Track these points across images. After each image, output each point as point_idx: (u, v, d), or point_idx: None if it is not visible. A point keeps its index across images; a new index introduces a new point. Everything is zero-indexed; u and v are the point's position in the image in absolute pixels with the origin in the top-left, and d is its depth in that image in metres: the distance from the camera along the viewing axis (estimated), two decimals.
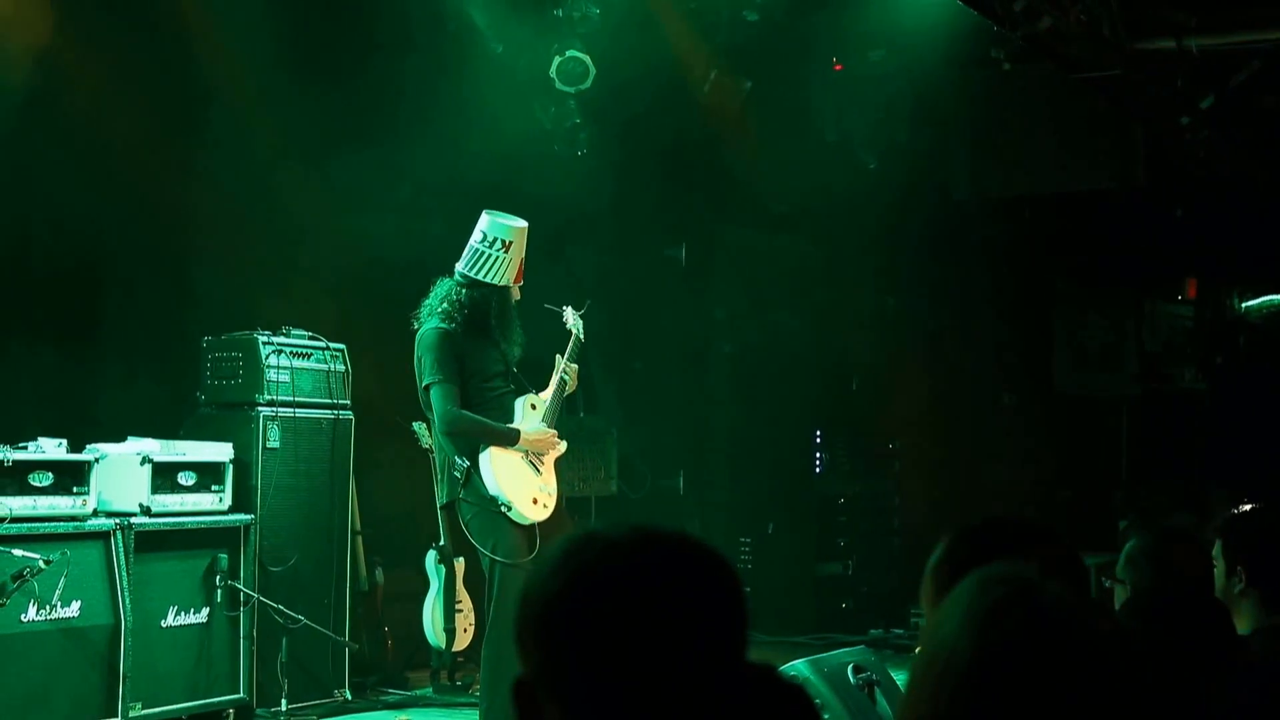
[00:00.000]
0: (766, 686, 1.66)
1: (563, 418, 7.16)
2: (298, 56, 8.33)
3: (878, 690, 5.70)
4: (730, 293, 11.73)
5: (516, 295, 6.86)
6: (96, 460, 6.79)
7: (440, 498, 6.95)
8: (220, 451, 7.45)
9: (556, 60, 9.48)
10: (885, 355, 11.83)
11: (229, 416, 7.71)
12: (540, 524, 6.71)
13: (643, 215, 10.99)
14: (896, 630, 10.93)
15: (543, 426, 6.87)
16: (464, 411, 6.64)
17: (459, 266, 6.78)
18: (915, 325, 11.95)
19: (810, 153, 10.89)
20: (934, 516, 11.17)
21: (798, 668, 5.51)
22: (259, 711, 7.46)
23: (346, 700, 7.92)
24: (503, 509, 6.58)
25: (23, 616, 6.35)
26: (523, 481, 6.72)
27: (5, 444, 6.51)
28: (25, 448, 6.59)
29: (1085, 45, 8.24)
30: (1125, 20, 8.30)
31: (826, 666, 5.64)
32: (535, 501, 6.72)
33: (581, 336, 7.14)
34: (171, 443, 7.32)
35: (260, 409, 7.65)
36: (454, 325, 6.68)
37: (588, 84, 9.55)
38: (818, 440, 11.56)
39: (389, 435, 8.24)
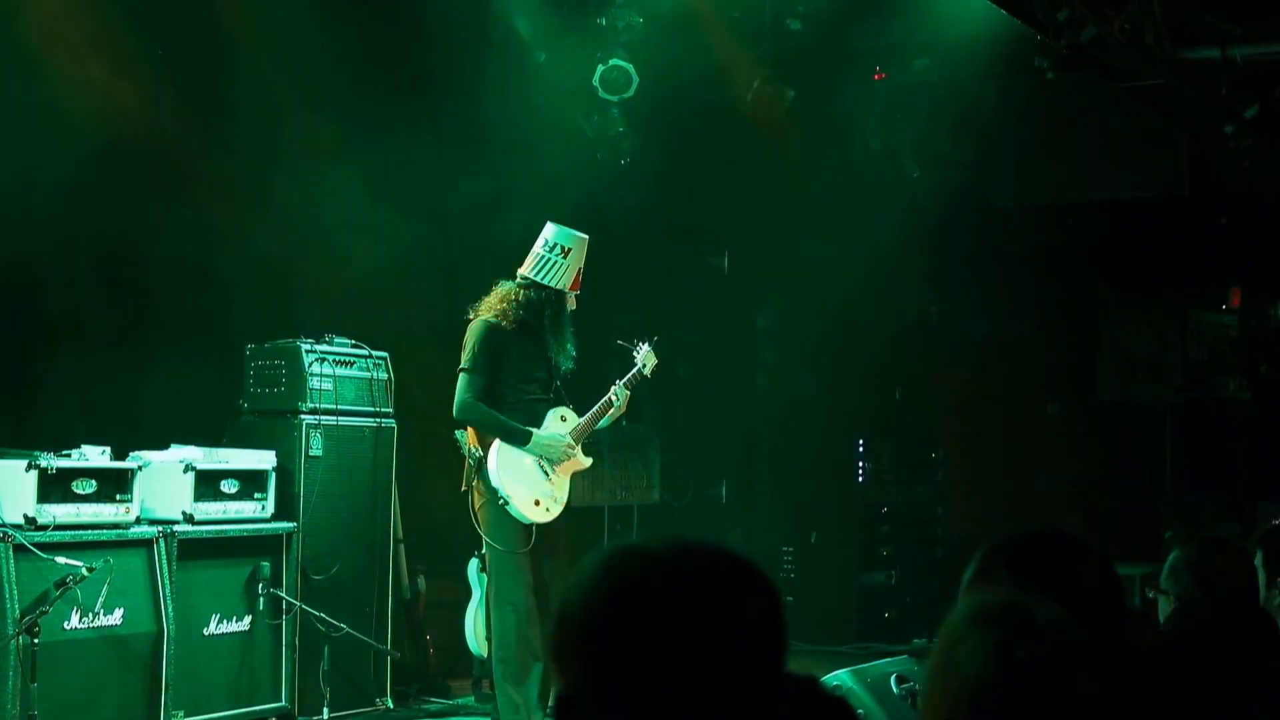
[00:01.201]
0: (809, 698, 1.66)
1: (603, 432, 7.24)
2: (341, 62, 8.36)
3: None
4: (773, 301, 11.71)
5: (572, 304, 7.02)
6: (140, 468, 6.83)
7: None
8: (263, 459, 7.48)
9: (600, 69, 9.49)
10: (929, 364, 11.78)
11: (272, 424, 7.74)
12: (540, 527, 6.87)
13: (686, 223, 10.98)
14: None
15: (561, 436, 6.92)
16: (480, 404, 6.83)
17: (520, 270, 6.98)
18: (959, 334, 11.89)
19: (853, 161, 10.86)
20: (978, 526, 11.11)
21: (841, 677, 5.48)
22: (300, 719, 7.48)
23: (388, 709, 7.94)
24: (501, 502, 6.77)
25: (66, 624, 6.38)
26: (527, 482, 6.87)
27: (49, 451, 6.55)
28: (69, 455, 6.61)
29: (1129, 54, 8.18)
30: (1169, 29, 8.24)
31: (870, 676, 5.61)
32: (537, 504, 6.88)
33: (647, 373, 7.26)
34: (214, 450, 7.35)
35: (303, 417, 7.68)
36: (504, 323, 6.87)
37: (631, 92, 9.55)
38: (861, 449, 11.51)
39: (431, 443, 8.25)
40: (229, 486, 7.28)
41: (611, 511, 10.13)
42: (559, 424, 7.02)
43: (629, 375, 7.17)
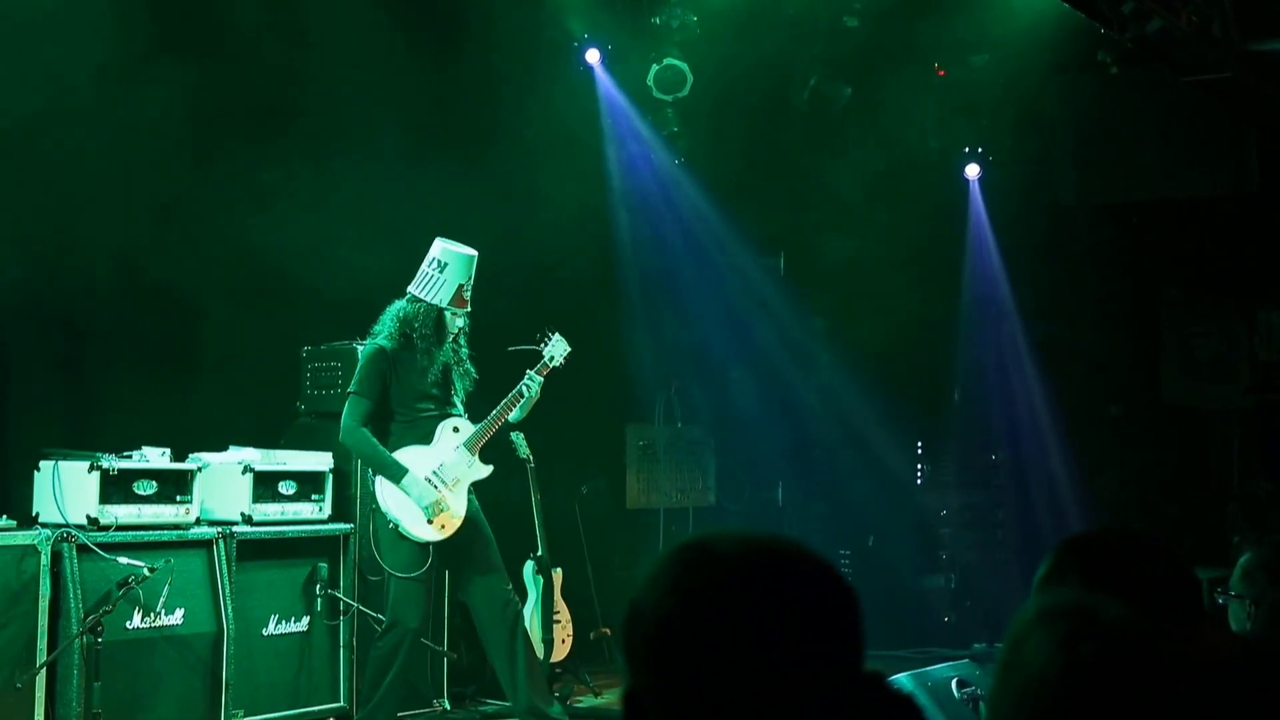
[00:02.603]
0: (876, 695, 1.63)
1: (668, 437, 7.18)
2: (389, 65, 8.37)
3: (983, 705, 5.60)
4: (829, 302, 11.62)
5: (459, 322, 6.98)
6: (199, 469, 6.87)
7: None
8: (320, 461, 7.50)
9: (654, 68, 9.46)
10: (988, 365, 11.66)
11: (329, 426, 7.73)
12: (443, 544, 6.88)
13: (740, 223, 10.92)
14: (1000, 645, 10.71)
15: (431, 490, 6.85)
16: (364, 430, 6.83)
17: (408, 286, 6.99)
18: (1020, 334, 11.76)
19: (912, 159, 10.77)
20: (1038, 529, 10.99)
21: (901, 681, 5.43)
22: None
23: (445, 710, 7.94)
24: (391, 525, 6.79)
25: (128, 624, 6.43)
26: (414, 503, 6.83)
27: (111, 453, 6.60)
28: (130, 457, 6.68)
29: (1196, 47, 8.06)
30: (1238, 21, 8.10)
31: (930, 680, 5.57)
32: (430, 522, 6.84)
33: (558, 363, 7.11)
34: (272, 452, 7.38)
35: None
36: (392, 344, 6.89)
37: (685, 92, 9.52)
38: (919, 451, 11.41)
39: (486, 445, 8.23)
40: (286, 488, 7.30)
41: (667, 514, 10.10)
42: (451, 435, 7.02)
43: (539, 364, 7.07)
